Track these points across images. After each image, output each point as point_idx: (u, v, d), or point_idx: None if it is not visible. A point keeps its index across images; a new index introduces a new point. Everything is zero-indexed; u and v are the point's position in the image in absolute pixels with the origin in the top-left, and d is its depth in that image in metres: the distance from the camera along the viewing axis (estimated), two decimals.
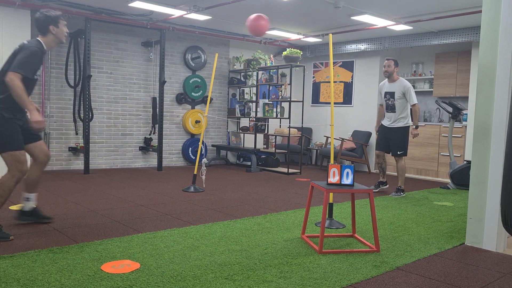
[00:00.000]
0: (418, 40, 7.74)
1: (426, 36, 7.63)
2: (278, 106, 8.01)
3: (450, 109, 6.72)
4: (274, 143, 8.35)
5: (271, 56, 8.36)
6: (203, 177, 5.78)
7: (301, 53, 7.94)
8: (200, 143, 5.78)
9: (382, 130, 5.90)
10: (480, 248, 3.48)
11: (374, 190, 6.04)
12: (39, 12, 3.53)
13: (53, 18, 3.50)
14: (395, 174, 8.14)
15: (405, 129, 5.73)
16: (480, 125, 3.48)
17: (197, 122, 8.38)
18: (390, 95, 5.74)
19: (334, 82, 9.24)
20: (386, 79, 5.85)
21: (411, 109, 5.78)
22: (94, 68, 7.25)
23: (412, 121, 5.77)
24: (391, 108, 5.76)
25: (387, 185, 6.16)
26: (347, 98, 9.02)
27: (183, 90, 8.31)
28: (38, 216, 3.77)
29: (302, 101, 8.04)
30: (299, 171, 7.85)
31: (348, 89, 9.03)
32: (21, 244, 3.19)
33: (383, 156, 5.96)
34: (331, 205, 4.10)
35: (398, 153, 5.72)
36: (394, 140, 5.74)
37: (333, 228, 3.98)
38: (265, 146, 8.22)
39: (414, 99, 5.63)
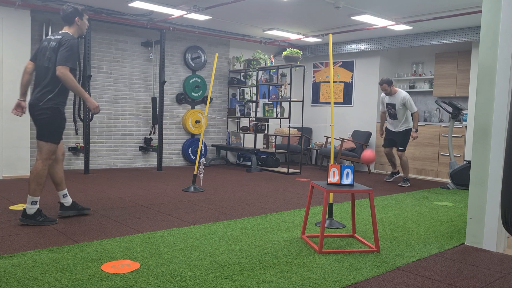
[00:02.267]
0: (418, 40, 7.74)
1: (426, 36, 7.63)
2: (278, 106, 8.01)
3: (450, 109, 6.72)
4: (274, 143, 8.35)
5: (271, 56, 8.36)
6: (201, 176, 5.79)
7: (301, 53, 7.94)
8: (200, 143, 5.78)
9: (388, 132, 6.94)
10: (480, 248, 3.48)
11: (388, 180, 7.15)
12: (66, 4, 3.83)
13: (79, 11, 3.85)
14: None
15: (408, 131, 6.77)
16: (480, 125, 3.48)
17: (197, 122, 8.38)
18: (392, 106, 6.72)
19: (334, 82, 9.24)
20: None
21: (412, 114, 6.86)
22: (94, 68, 7.26)
23: (412, 124, 6.76)
24: (393, 117, 6.76)
25: (400, 173, 7.18)
26: (347, 98, 9.02)
27: (183, 90, 8.31)
28: (78, 208, 4.09)
29: (302, 101, 8.04)
30: (299, 171, 7.85)
31: (348, 89, 9.03)
32: (21, 244, 3.19)
33: (391, 152, 6.96)
34: (331, 205, 4.10)
35: (400, 148, 6.77)
36: (399, 140, 6.80)
37: (333, 228, 3.98)
38: (265, 146, 8.22)
39: (414, 107, 6.62)
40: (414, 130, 6.68)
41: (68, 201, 4.04)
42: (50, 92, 3.68)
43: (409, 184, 6.80)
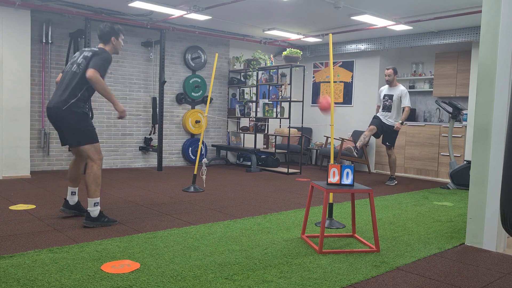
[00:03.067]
0: (418, 40, 7.74)
1: (426, 36, 7.63)
2: (278, 106, 8.01)
3: (450, 109, 6.72)
4: (274, 143, 8.34)
5: (271, 56, 8.36)
6: (204, 177, 5.78)
7: (301, 53, 7.94)
8: (200, 143, 5.78)
9: (378, 119, 6.87)
10: (480, 248, 3.48)
11: (356, 154, 6.88)
12: (104, 24, 3.99)
13: (115, 30, 3.99)
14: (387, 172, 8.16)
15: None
16: (480, 125, 3.48)
17: (197, 122, 8.38)
18: (389, 97, 6.72)
19: (334, 82, 9.24)
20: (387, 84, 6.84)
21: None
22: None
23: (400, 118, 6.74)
24: (387, 109, 6.75)
25: (357, 155, 7.11)
26: (347, 98, 9.02)
27: (183, 90, 8.31)
28: (80, 209, 4.11)
29: (302, 101, 8.04)
30: (299, 171, 7.85)
31: (348, 89, 9.03)
32: (21, 244, 3.19)
33: (374, 131, 6.73)
34: (331, 205, 4.10)
35: (387, 144, 6.83)
36: (387, 134, 6.81)
37: (333, 228, 3.98)
38: (265, 146, 8.22)
39: (407, 102, 6.63)
40: (400, 122, 6.62)
41: (74, 199, 4.07)
42: (74, 96, 3.74)
43: (396, 182, 6.86)
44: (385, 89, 6.84)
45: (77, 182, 4.05)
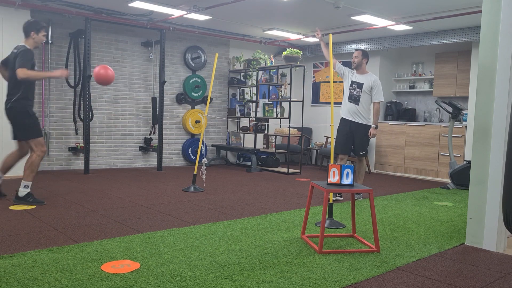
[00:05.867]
0: (418, 40, 7.74)
1: (426, 36, 7.64)
2: (278, 106, 8.01)
3: (450, 109, 6.72)
4: (274, 143, 8.34)
5: (271, 56, 8.36)
6: (203, 176, 5.78)
7: (301, 53, 7.94)
8: (200, 143, 5.78)
9: (343, 126, 5.31)
10: (480, 248, 3.48)
11: (358, 198, 5.49)
12: (29, 19, 4.69)
13: (36, 26, 4.43)
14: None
15: (368, 128, 5.30)
16: (480, 125, 3.48)
17: (197, 122, 8.38)
18: (358, 85, 5.27)
19: (334, 82, 9.24)
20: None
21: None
22: (94, 68, 7.25)
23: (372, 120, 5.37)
24: (354, 99, 5.25)
25: (362, 197, 5.54)
26: None
27: (183, 90, 8.31)
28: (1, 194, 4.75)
29: (302, 101, 8.04)
30: (299, 171, 7.85)
31: None
32: (21, 244, 3.19)
33: (346, 160, 5.37)
34: (331, 205, 4.10)
35: (361, 153, 5.32)
36: (358, 139, 5.28)
37: (333, 228, 3.98)
38: (265, 146, 8.22)
39: (381, 96, 5.25)
40: (374, 126, 5.26)
41: None
42: (15, 94, 4.37)
43: (362, 198, 5.50)
44: (355, 74, 5.37)
45: (7, 171, 4.65)
